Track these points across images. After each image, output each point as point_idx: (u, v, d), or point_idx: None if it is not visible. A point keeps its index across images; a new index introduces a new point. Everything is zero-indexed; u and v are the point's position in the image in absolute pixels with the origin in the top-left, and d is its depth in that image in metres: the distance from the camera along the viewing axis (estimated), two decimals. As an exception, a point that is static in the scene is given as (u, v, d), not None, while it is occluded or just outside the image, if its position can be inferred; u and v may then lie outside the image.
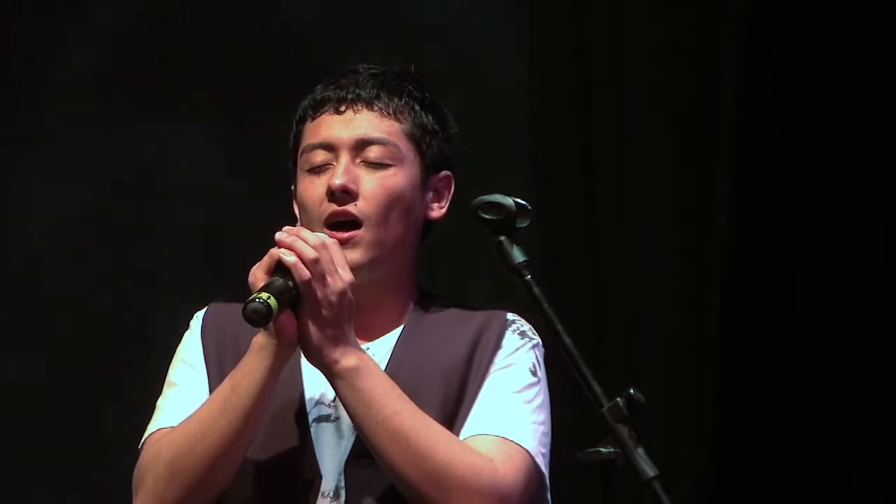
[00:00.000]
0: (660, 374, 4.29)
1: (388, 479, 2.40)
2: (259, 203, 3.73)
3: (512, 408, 2.48)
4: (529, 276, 2.31)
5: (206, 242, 4.07)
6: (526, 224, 2.35)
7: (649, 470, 2.18)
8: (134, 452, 2.51)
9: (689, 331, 4.34)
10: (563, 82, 4.33)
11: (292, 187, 2.59)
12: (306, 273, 2.35)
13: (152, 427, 2.51)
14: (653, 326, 4.32)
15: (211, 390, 2.48)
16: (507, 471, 2.42)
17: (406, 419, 2.37)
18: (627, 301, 4.30)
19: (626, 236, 4.32)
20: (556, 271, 4.15)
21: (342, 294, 2.37)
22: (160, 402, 2.55)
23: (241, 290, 2.39)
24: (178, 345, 2.59)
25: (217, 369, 2.51)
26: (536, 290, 2.30)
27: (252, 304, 2.31)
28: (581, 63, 4.33)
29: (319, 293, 2.36)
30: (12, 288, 4.00)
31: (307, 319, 2.38)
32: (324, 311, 2.37)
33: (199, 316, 2.59)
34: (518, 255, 2.33)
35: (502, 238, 2.34)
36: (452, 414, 2.46)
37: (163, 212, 4.07)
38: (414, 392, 2.42)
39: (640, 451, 2.19)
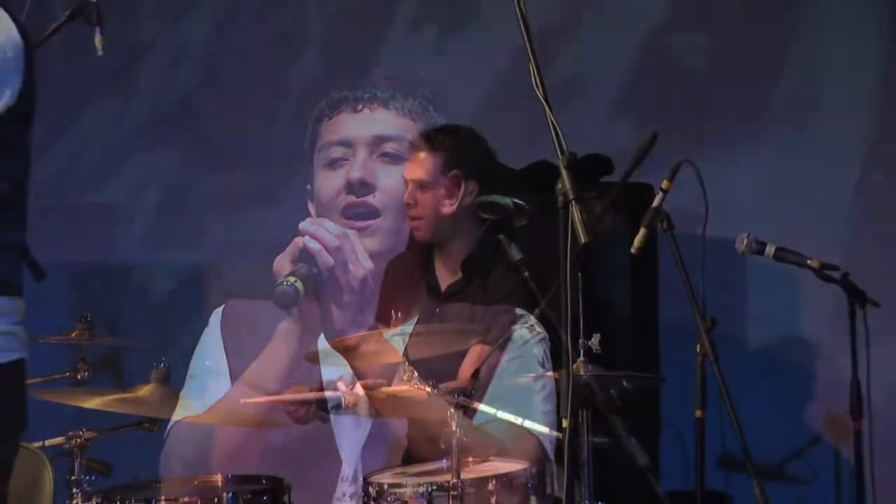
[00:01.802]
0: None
1: (401, 464, 2.46)
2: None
3: (522, 396, 2.55)
4: (527, 273, 2.40)
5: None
6: (524, 223, 2.43)
7: (641, 458, 2.26)
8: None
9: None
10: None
11: (307, 186, 2.67)
12: (330, 259, 2.43)
13: (176, 416, 2.57)
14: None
15: (232, 381, 2.57)
16: (517, 454, 2.47)
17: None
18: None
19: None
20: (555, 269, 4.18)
21: (363, 280, 2.45)
22: (182, 393, 2.59)
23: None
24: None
25: (237, 361, 2.58)
26: (533, 285, 2.39)
27: (280, 287, 2.39)
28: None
29: (342, 279, 2.44)
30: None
31: (330, 304, 2.46)
32: (346, 297, 2.45)
33: (217, 312, 2.67)
34: (516, 253, 2.41)
35: (501, 236, 2.43)
36: (465, 400, 2.50)
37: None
38: (429, 379, 2.44)
39: (633, 440, 2.27)
